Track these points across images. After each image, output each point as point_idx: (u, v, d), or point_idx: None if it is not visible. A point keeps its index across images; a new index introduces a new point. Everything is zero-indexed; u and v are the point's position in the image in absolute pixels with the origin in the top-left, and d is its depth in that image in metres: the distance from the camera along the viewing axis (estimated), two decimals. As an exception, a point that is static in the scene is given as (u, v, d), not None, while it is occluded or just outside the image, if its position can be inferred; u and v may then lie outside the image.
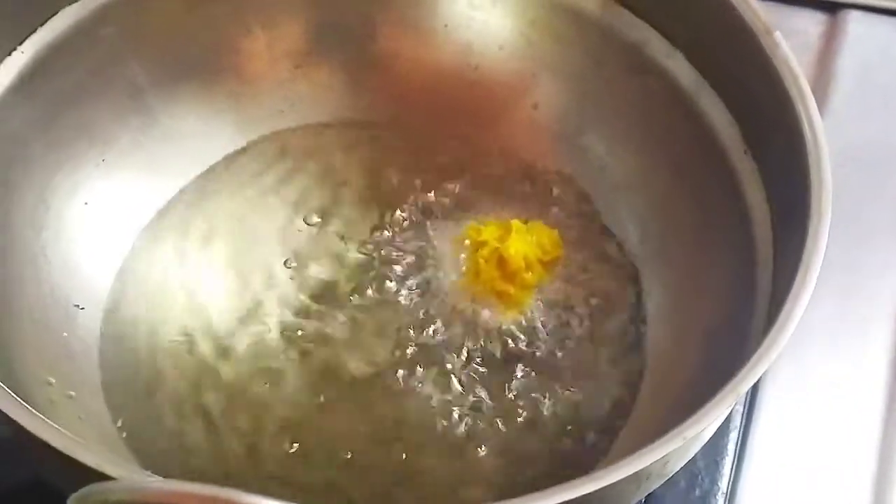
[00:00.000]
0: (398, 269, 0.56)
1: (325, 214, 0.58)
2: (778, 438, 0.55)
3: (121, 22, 0.55)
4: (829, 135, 0.48)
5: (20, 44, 0.53)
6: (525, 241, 0.54)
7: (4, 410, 0.40)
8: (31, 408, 0.41)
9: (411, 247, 0.56)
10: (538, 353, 0.53)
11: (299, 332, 0.54)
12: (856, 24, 0.69)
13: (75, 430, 0.47)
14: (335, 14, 0.59)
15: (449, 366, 0.53)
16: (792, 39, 0.69)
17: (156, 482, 0.39)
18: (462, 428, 0.51)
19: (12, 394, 0.41)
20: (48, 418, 0.41)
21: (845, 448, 0.55)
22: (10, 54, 0.53)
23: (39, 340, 0.51)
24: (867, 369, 0.57)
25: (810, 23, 0.69)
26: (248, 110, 0.59)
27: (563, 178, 0.59)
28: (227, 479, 0.50)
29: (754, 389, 0.56)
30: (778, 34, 0.50)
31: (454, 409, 0.52)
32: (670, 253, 0.55)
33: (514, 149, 0.59)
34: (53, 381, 0.50)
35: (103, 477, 0.38)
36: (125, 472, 0.38)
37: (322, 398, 0.52)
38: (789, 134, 0.48)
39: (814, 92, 0.65)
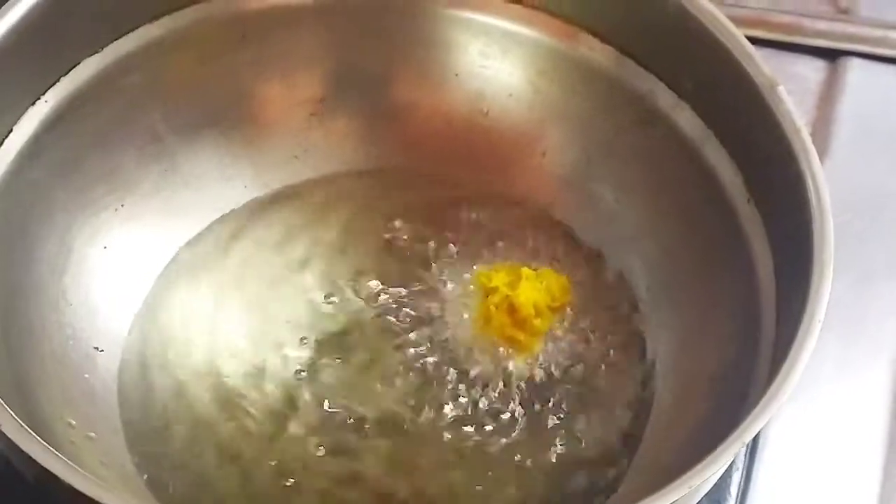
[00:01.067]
0: (408, 314, 0.56)
1: (338, 261, 0.58)
2: (781, 480, 0.56)
3: (141, 72, 0.56)
4: (828, 180, 0.49)
5: (43, 93, 0.54)
6: (535, 288, 0.54)
7: (31, 454, 0.41)
8: (56, 451, 0.42)
9: (421, 292, 0.57)
10: (547, 397, 0.54)
11: (313, 377, 0.55)
12: (855, 72, 0.69)
13: (96, 472, 0.48)
14: (351, 63, 0.60)
15: (459, 411, 0.54)
16: (792, 86, 0.70)
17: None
18: (473, 468, 0.52)
19: (39, 438, 0.42)
20: (70, 460, 0.42)
21: (847, 490, 0.56)
22: (33, 104, 0.53)
23: (62, 382, 0.52)
24: (869, 411, 0.58)
25: (811, 69, 0.70)
26: (264, 157, 0.60)
27: (572, 225, 0.59)
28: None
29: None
30: (781, 88, 0.51)
31: (467, 450, 0.53)
32: (676, 300, 0.55)
33: (524, 195, 0.60)
34: (74, 422, 0.50)
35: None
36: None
37: (336, 442, 0.53)
38: (792, 186, 0.49)
39: (814, 137, 0.66)
